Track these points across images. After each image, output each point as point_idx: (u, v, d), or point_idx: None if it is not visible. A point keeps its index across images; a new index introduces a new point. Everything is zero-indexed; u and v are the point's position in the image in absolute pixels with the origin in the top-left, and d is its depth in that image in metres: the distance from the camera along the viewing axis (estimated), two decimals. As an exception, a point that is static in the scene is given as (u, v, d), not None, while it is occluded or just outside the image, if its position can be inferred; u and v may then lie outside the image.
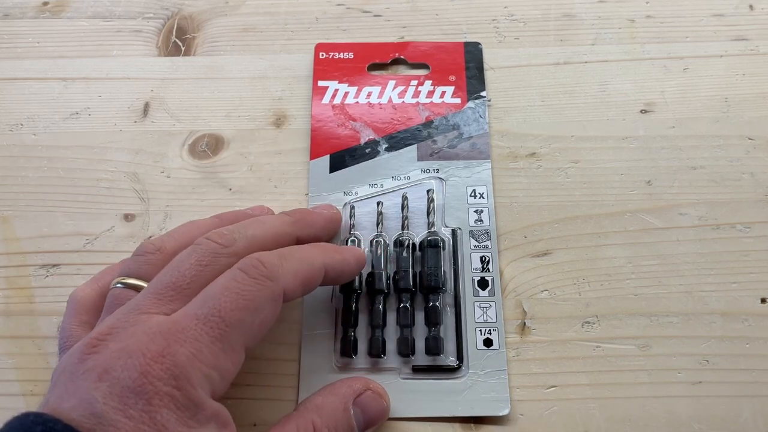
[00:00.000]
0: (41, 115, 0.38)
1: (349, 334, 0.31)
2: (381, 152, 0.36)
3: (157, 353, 0.23)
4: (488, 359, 0.31)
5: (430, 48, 0.39)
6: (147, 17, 0.42)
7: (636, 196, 0.35)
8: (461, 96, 0.38)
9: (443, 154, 0.36)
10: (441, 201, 0.35)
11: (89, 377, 0.23)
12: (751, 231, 0.34)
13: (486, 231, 0.34)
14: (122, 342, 0.24)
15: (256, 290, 0.25)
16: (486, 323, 0.31)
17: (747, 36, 0.40)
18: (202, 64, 0.40)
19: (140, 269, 0.28)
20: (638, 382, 0.30)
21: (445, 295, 0.32)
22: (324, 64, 0.39)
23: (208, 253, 0.26)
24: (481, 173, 0.35)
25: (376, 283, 0.32)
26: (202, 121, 0.37)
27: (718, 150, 0.36)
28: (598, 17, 0.41)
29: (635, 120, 0.37)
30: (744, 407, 0.30)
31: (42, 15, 0.42)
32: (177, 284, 0.25)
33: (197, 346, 0.23)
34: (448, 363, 0.31)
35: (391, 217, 0.34)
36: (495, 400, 0.30)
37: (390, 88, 0.38)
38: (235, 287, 0.25)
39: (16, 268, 0.34)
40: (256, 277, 0.25)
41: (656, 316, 0.32)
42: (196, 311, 0.24)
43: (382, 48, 0.40)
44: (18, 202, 0.36)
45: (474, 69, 0.39)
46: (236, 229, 0.28)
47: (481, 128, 0.37)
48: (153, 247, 0.29)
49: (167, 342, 0.23)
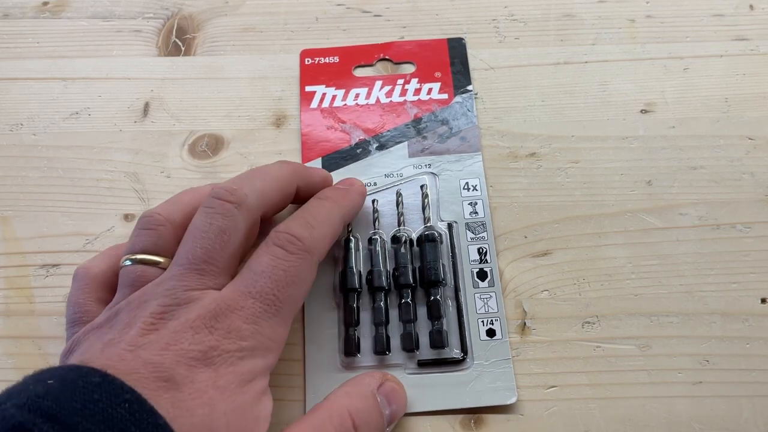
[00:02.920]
0: (41, 115, 0.38)
1: (351, 333, 0.31)
2: (372, 152, 0.36)
3: (224, 330, 0.25)
4: (492, 349, 0.31)
5: (414, 46, 0.40)
6: (147, 17, 0.42)
7: (636, 196, 0.35)
8: (448, 91, 0.38)
9: (434, 149, 0.36)
10: (435, 195, 0.35)
11: (151, 348, 0.24)
12: (751, 231, 0.34)
13: (482, 223, 0.34)
14: (181, 319, 0.25)
15: (298, 264, 0.27)
16: (487, 314, 0.32)
17: (747, 36, 0.40)
18: (202, 64, 0.40)
19: (155, 244, 0.28)
20: (638, 382, 0.30)
21: (446, 288, 0.32)
22: (310, 69, 0.39)
23: (225, 216, 0.27)
24: (472, 166, 0.36)
25: (376, 280, 0.32)
26: (202, 121, 0.37)
27: (718, 150, 0.36)
28: (598, 17, 0.41)
29: (635, 120, 0.37)
30: (744, 407, 0.30)
31: (42, 15, 0.42)
32: (210, 256, 0.26)
33: (258, 323, 0.25)
34: (452, 356, 0.31)
35: (387, 214, 0.34)
36: (501, 389, 0.30)
37: (377, 89, 0.38)
38: (281, 264, 0.26)
39: (16, 268, 0.34)
40: (295, 252, 0.27)
41: (656, 316, 0.32)
42: (250, 290, 0.26)
43: (366, 50, 0.40)
44: (18, 202, 0.36)
45: (459, 64, 0.39)
46: (243, 183, 0.28)
47: (469, 122, 0.37)
48: (162, 219, 0.29)
49: (230, 320, 0.25)
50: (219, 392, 0.24)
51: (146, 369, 0.23)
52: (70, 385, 0.21)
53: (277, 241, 0.27)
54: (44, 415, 0.20)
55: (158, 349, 0.24)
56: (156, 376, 0.23)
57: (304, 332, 0.32)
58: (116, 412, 0.21)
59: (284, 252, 0.27)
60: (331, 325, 0.32)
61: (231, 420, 0.24)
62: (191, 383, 0.23)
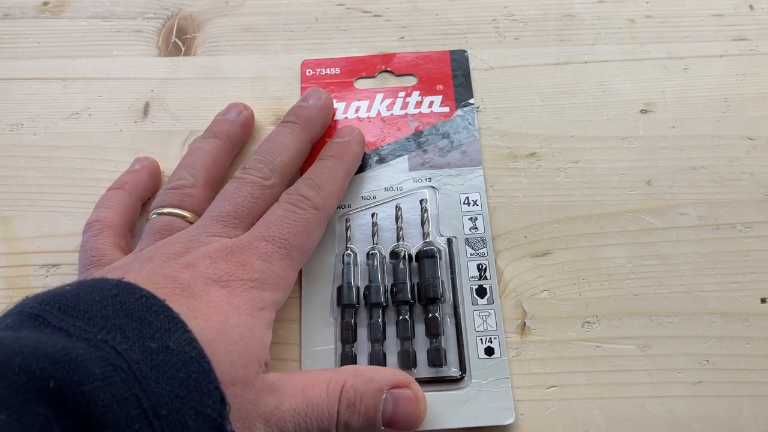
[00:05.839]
0: (41, 115, 0.38)
1: (347, 349, 0.31)
2: (372, 165, 0.36)
3: (238, 262, 0.27)
4: (490, 368, 0.30)
5: (416, 58, 0.39)
6: (147, 17, 0.42)
7: (636, 196, 0.35)
8: (449, 104, 0.38)
9: (435, 163, 0.36)
10: (435, 210, 0.34)
11: (170, 267, 0.26)
12: (751, 231, 0.34)
13: (481, 238, 0.33)
14: (201, 250, 0.28)
15: (308, 217, 0.30)
16: (486, 332, 0.31)
17: (747, 36, 0.40)
18: (202, 64, 0.40)
19: (183, 201, 0.31)
20: (638, 382, 0.30)
21: (444, 305, 0.32)
22: (311, 81, 0.39)
23: (256, 187, 0.31)
24: (473, 180, 0.35)
25: (373, 296, 0.31)
26: (202, 121, 0.37)
27: (718, 150, 0.36)
28: (598, 17, 0.41)
29: (635, 120, 0.37)
30: (744, 407, 0.30)
31: (42, 15, 0.42)
32: (237, 213, 0.30)
33: (270, 261, 0.28)
34: (450, 374, 0.30)
35: (386, 228, 0.34)
36: (499, 409, 0.29)
37: (378, 102, 0.38)
38: (292, 217, 0.30)
39: (16, 268, 0.34)
40: (305, 208, 0.30)
41: (656, 316, 0.32)
42: (264, 234, 0.29)
43: (368, 61, 0.39)
44: (18, 202, 0.36)
45: (461, 77, 0.39)
46: (267, 160, 0.32)
47: (471, 135, 0.37)
48: (191, 180, 0.32)
49: (244, 255, 0.28)
50: (233, 308, 0.26)
51: (164, 280, 0.26)
52: (87, 286, 0.23)
53: (289, 200, 0.30)
54: (61, 309, 0.21)
55: (177, 269, 0.26)
56: (173, 285, 0.25)
57: (300, 347, 0.31)
58: (133, 304, 0.22)
59: (295, 207, 0.30)
60: (327, 341, 0.31)
61: (243, 333, 0.25)
62: (207, 296, 0.26)
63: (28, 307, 0.22)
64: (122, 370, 0.20)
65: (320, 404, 0.26)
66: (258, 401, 0.25)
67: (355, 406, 0.26)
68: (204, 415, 0.21)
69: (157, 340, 0.22)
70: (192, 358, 0.22)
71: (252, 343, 0.25)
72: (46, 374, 0.19)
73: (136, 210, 0.34)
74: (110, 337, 0.21)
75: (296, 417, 0.25)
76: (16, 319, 0.21)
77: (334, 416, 0.26)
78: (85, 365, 0.19)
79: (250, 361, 0.25)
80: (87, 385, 0.19)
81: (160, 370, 0.21)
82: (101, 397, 0.19)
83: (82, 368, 0.19)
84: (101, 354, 0.20)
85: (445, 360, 0.30)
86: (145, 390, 0.20)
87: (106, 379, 0.20)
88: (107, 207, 0.33)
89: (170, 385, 0.21)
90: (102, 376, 0.20)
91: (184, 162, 0.34)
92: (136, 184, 0.34)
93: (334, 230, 0.34)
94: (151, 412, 0.20)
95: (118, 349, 0.21)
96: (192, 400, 0.21)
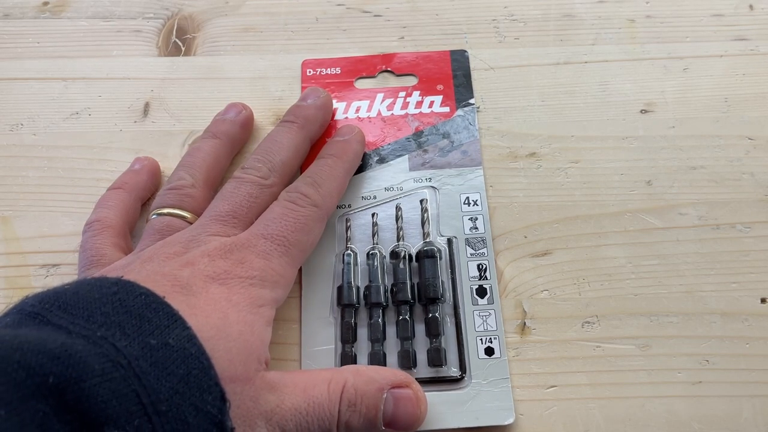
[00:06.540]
0: (41, 115, 0.38)
1: (347, 349, 0.31)
2: (372, 165, 0.36)
3: (237, 260, 0.27)
4: (490, 368, 0.30)
5: (417, 58, 0.39)
6: (147, 17, 0.42)
7: (636, 196, 0.35)
8: (450, 105, 0.38)
9: (435, 163, 0.36)
10: (435, 210, 0.34)
11: (169, 266, 0.26)
12: (751, 231, 0.34)
13: (482, 238, 0.33)
14: (200, 249, 0.28)
15: (308, 215, 0.30)
16: (486, 332, 0.31)
17: (747, 36, 0.40)
18: (202, 64, 0.40)
19: (183, 201, 0.31)
20: (638, 382, 0.30)
21: (444, 305, 0.32)
22: (312, 80, 0.39)
23: (255, 186, 0.31)
24: (473, 180, 0.35)
25: (373, 296, 0.31)
26: (202, 121, 0.37)
27: (718, 150, 0.36)
28: (598, 17, 0.41)
29: (635, 120, 0.37)
30: (744, 407, 0.30)
31: (42, 15, 0.42)
32: (236, 212, 0.30)
33: (269, 259, 0.28)
34: (450, 374, 0.30)
35: (386, 228, 0.34)
36: (499, 409, 0.29)
37: (378, 102, 0.38)
38: (291, 214, 0.30)
39: (16, 268, 0.34)
40: (304, 206, 0.30)
41: (656, 316, 0.32)
42: (262, 232, 0.29)
43: (368, 61, 0.39)
44: (18, 202, 0.36)
45: (461, 77, 0.39)
46: (266, 160, 0.32)
47: (471, 135, 0.37)
48: (191, 180, 0.32)
49: (243, 253, 0.28)
50: (232, 306, 0.26)
51: (164, 278, 0.26)
52: (86, 285, 0.23)
53: (289, 198, 0.30)
54: (60, 307, 0.22)
55: (176, 267, 0.26)
56: (172, 283, 0.25)
57: (300, 347, 0.31)
58: (133, 302, 0.22)
59: (294, 205, 0.30)
60: (327, 341, 0.31)
61: (242, 330, 0.25)
62: (206, 293, 0.26)
63: (28, 306, 0.22)
64: (122, 366, 0.20)
65: (321, 404, 0.26)
66: (258, 399, 0.25)
67: (356, 405, 0.26)
68: (204, 412, 0.21)
69: (157, 336, 0.22)
70: (192, 354, 0.22)
71: (251, 340, 0.25)
72: (45, 370, 0.19)
73: (135, 210, 0.34)
74: (110, 334, 0.21)
75: (298, 416, 0.25)
76: (15, 317, 0.21)
77: (335, 416, 0.26)
78: (85, 361, 0.20)
79: (249, 358, 0.25)
80: (86, 381, 0.19)
81: (159, 367, 0.21)
82: (101, 393, 0.19)
83: (82, 364, 0.19)
84: (101, 350, 0.20)
85: (445, 360, 0.30)
86: (145, 386, 0.20)
87: (105, 375, 0.20)
88: (107, 207, 0.33)
89: (170, 382, 0.21)
90: (101, 372, 0.20)
91: (184, 162, 0.34)
92: (136, 184, 0.34)
93: (334, 230, 0.34)
94: (151, 408, 0.20)
95: (117, 345, 0.21)
96: (192, 397, 0.21)
